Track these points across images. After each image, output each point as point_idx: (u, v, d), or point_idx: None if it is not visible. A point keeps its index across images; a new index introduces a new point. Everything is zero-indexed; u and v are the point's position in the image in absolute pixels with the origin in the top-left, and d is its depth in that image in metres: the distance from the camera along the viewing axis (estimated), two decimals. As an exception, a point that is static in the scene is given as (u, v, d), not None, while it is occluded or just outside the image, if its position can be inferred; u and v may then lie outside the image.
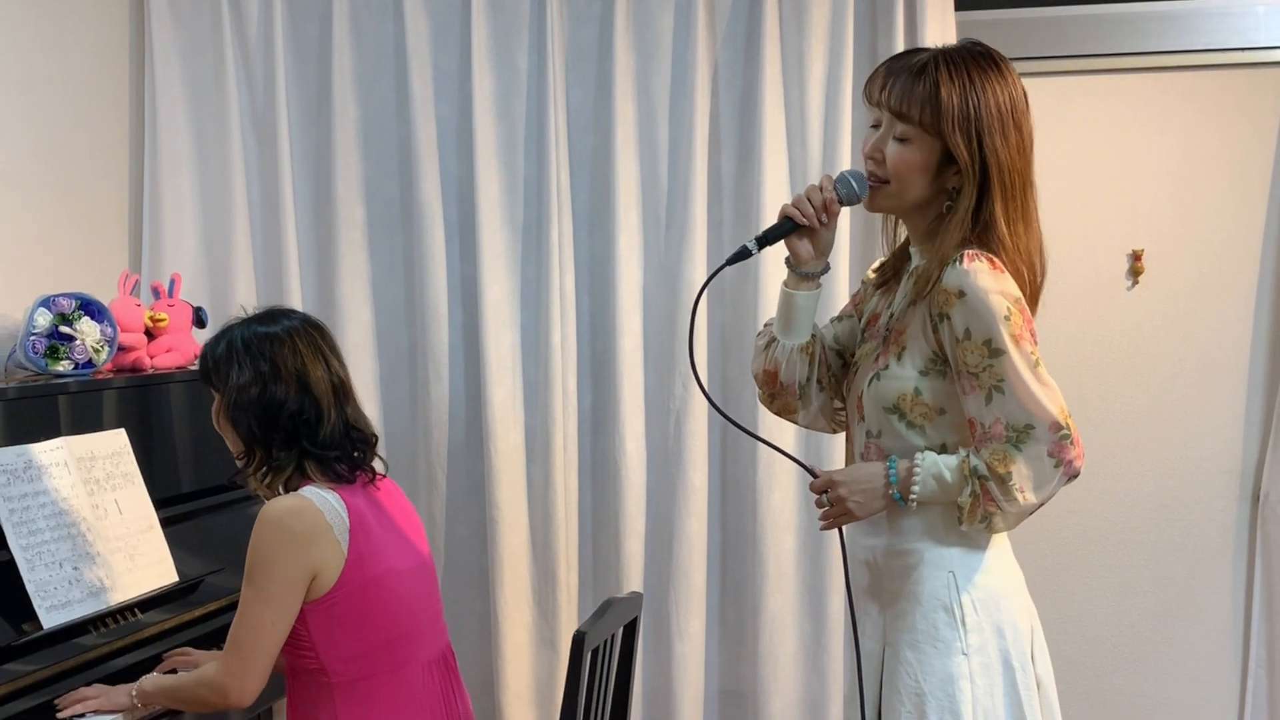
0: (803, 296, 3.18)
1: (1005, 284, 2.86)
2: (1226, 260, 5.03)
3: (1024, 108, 3.00)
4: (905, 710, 2.96)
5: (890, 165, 2.99)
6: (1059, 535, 5.00)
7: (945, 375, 2.95)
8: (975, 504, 2.89)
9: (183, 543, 4.12)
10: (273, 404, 3.31)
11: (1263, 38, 4.92)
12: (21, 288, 4.42)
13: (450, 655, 3.58)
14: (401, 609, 3.38)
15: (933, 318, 2.93)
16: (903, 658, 2.98)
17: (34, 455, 3.69)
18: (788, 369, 3.22)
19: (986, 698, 2.93)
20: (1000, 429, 2.87)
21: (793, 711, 5.02)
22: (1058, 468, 2.88)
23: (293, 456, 3.33)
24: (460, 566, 5.17)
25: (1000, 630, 2.96)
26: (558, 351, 5.00)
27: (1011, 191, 2.95)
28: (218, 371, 3.37)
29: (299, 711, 3.41)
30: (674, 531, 5.02)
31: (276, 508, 3.24)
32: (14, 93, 4.49)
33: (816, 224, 3.08)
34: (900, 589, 3.02)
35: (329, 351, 3.44)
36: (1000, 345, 2.83)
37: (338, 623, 3.28)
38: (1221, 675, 5.10)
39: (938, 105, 2.93)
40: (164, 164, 5.07)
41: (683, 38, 4.97)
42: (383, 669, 3.34)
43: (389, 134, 5.13)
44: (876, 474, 2.98)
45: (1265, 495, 4.97)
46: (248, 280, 5.12)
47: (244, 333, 3.37)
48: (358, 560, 3.27)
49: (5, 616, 3.45)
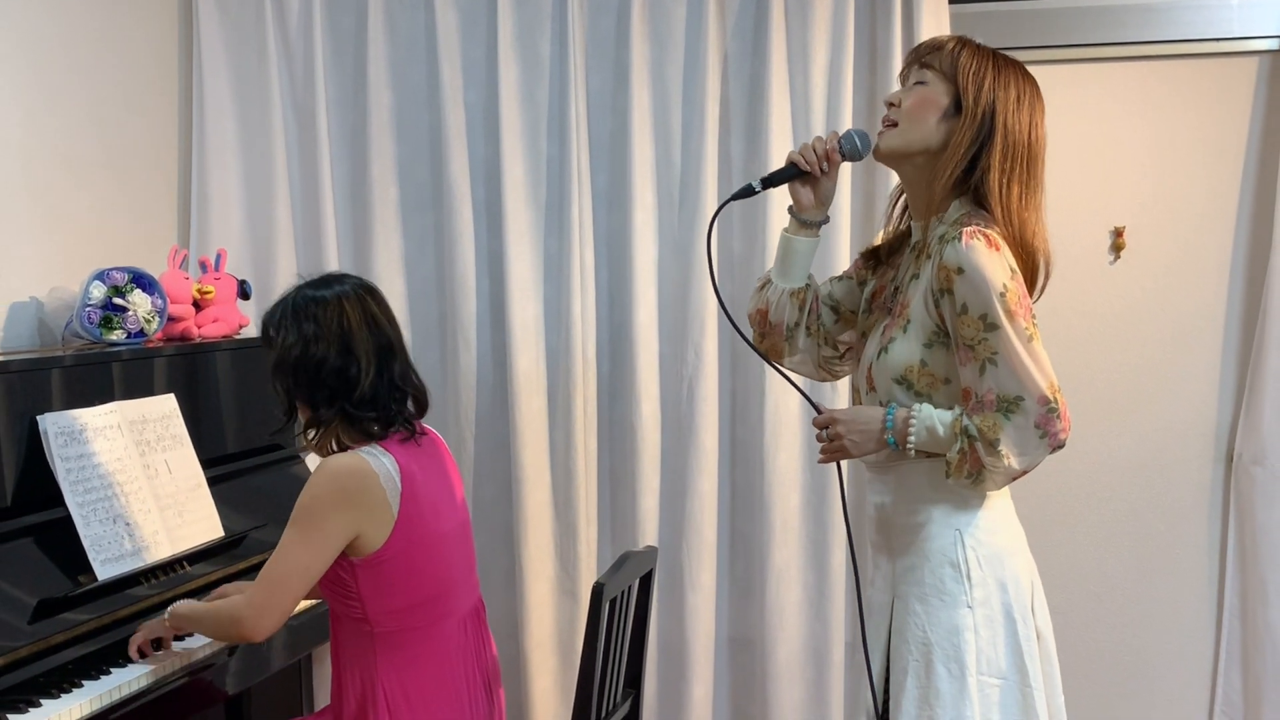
0: (800, 242, 3.20)
1: (1002, 261, 2.84)
2: (1203, 236, 4.99)
3: (1040, 111, 3.02)
4: (913, 658, 2.96)
5: (903, 107, 3.01)
6: (1045, 494, 4.98)
7: (948, 347, 2.93)
8: (962, 460, 2.88)
9: (228, 500, 4.12)
10: (313, 363, 3.26)
11: (1237, 29, 4.89)
12: (78, 262, 4.41)
13: (482, 608, 3.56)
14: (443, 569, 3.36)
15: (934, 293, 2.90)
16: (911, 609, 2.98)
17: (89, 419, 3.68)
18: (777, 310, 3.24)
19: (989, 648, 2.94)
20: (992, 398, 2.86)
21: (798, 657, 5.00)
22: (1043, 439, 2.86)
23: (334, 414, 3.29)
24: (487, 523, 5.14)
25: (1003, 585, 2.97)
26: (578, 322, 4.98)
27: (1015, 152, 2.95)
28: (272, 332, 3.34)
29: (341, 655, 3.39)
30: (686, 490, 5.00)
31: (336, 464, 3.21)
32: (73, 82, 4.48)
33: (818, 171, 3.11)
34: (909, 545, 3.01)
35: (378, 313, 3.38)
36: (995, 320, 2.81)
37: (384, 579, 3.25)
38: (1198, 623, 5.07)
39: (957, 56, 2.97)
40: (211, 147, 5.06)
41: (695, 29, 4.93)
42: (422, 623, 3.33)
43: (420, 119, 5.11)
44: (874, 418, 2.98)
45: (1238, 456, 4.94)
46: (288, 255, 5.11)
47: (296, 297, 3.34)
48: (406, 523, 3.24)
49: (63, 569, 3.45)
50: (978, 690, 2.93)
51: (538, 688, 5.06)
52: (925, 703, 2.94)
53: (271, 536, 4.07)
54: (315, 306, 3.29)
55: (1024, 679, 2.97)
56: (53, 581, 3.40)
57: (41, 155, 4.33)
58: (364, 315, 3.34)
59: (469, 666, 3.42)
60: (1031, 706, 2.97)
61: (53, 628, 3.28)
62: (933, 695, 2.93)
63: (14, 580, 3.30)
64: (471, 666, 3.43)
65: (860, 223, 4.97)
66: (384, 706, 3.29)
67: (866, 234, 4.90)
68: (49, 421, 3.54)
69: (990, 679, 2.95)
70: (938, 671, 2.93)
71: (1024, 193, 2.96)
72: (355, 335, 3.30)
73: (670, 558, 5.03)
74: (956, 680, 2.92)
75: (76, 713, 3.09)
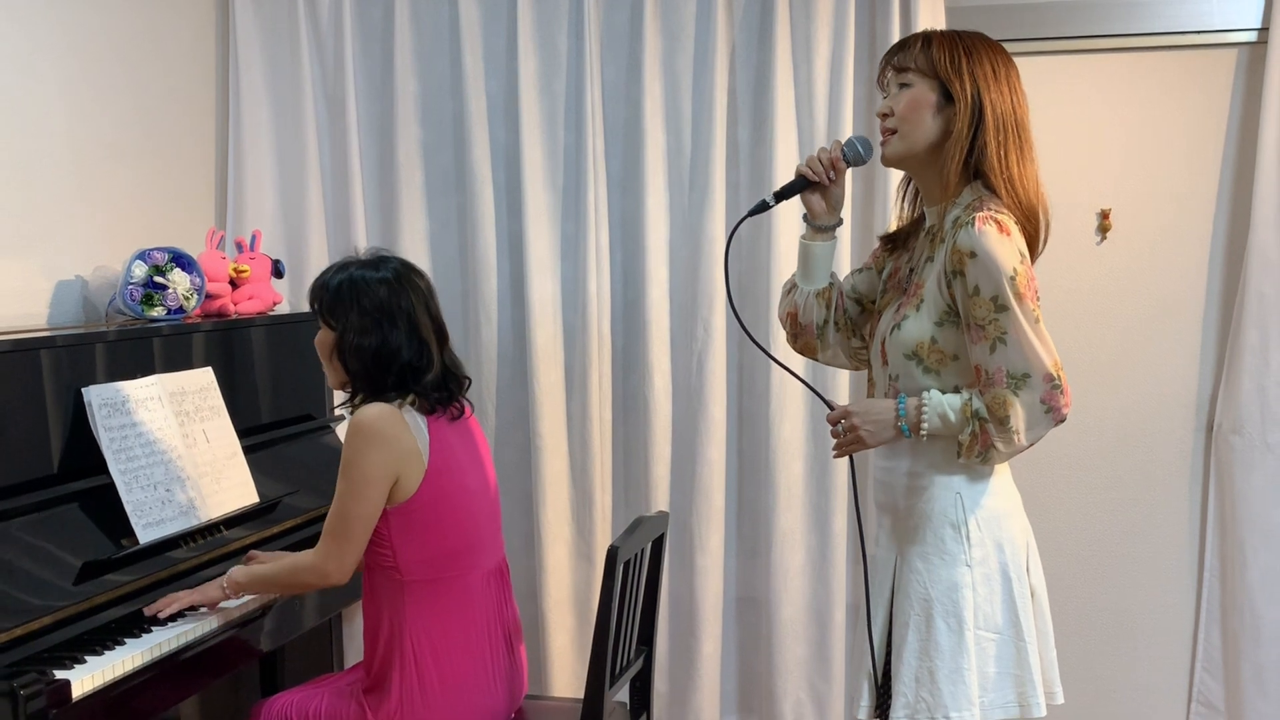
0: (818, 247, 3.21)
1: (1012, 246, 2.84)
2: (1184, 218, 4.96)
3: (1015, 74, 3.02)
4: (914, 613, 2.98)
5: (898, 113, 3.00)
6: (1036, 462, 4.95)
7: (958, 326, 2.94)
8: (974, 441, 2.90)
9: (262, 467, 4.12)
10: (388, 351, 3.26)
11: (1218, 21, 4.86)
12: (121, 243, 4.41)
13: (505, 569, 3.56)
14: (470, 523, 3.37)
15: (947, 274, 2.90)
16: (913, 567, 3.00)
17: (131, 390, 3.67)
18: (806, 311, 3.25)
19: (986, 604, 2.97)
20: (1001, 376, 2.86)
21: (801, 616, 4.99)
22: (1048, 413, 2.88)
23: (399, 396, 3.29)
24: (507, 489, 5.12)
25: (1000, 545, 2.99)
26: (594, 299, 4.96)
27: (1005, 126, 2.94)
28: (333, 310, 3.30)
29: (373, 604, 3.40)
30: (696, 458, 4.98)
31: (368, 413, 3.21)
32: (115, 71, 4.47)
33: (825, 180, 3.13)
34: (913, 506, 3.02)
35: (429, 296, 3.38)
36: (1005, 302, 2.83)
37: (414, 528, 3.26)
38: (1179, 584, 5.05)
39: (929, 51, 2.96)
40: (246, 135, 5.04)
41: (704, 22, 4.90)
42: (449, 574, 3.33)
43: (444, 107, 5.08)
44: (887, 408, 2.98)
45: (1218, 426, 4.91)
46: (320, 235, 5.10)
47: (360, 274, 3.31)
48: (436, 473, 3.25)
49: (106, 533, 3.45)
50: (975, 643, 2.96)
51: (556, 645, 5.06)
52: (925, 654, 2.97)
53: (303, 502, 4.10)
54: (383, 289, 3.30)
55: (1018, 633, 3.00)
56: (97, 545, 3.39)
57: (87, 143, 4.34)
58: (420, 299, 3.35)
59: (491, 621, 3.43)
60: (1025, 659, 3.00)
61: (96, 588, 3.28)
62: (932, 648, 2.96)
63: (60, 543, 3.30)
64: (493, 621, 3.44)
65: (860, 224, 4.93)
66: (410, 655, 3.31)
67: (866, 234, 4.89)
68: (93, 393, 3.54)
69: (986, 633, 2.98)
70: (937, 625, 2.96)
71: (1020, 159, 2.96)
72: (420, 322, 3.31)
73: (681, 522, 5.02)
74: (955, 634, 2.95)
75: (119, 669, 3.08)
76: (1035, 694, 3.00)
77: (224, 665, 3.54)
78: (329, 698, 3.43)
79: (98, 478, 3.50)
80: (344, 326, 3.28)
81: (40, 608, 3.10)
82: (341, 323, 3.28)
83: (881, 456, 3.14)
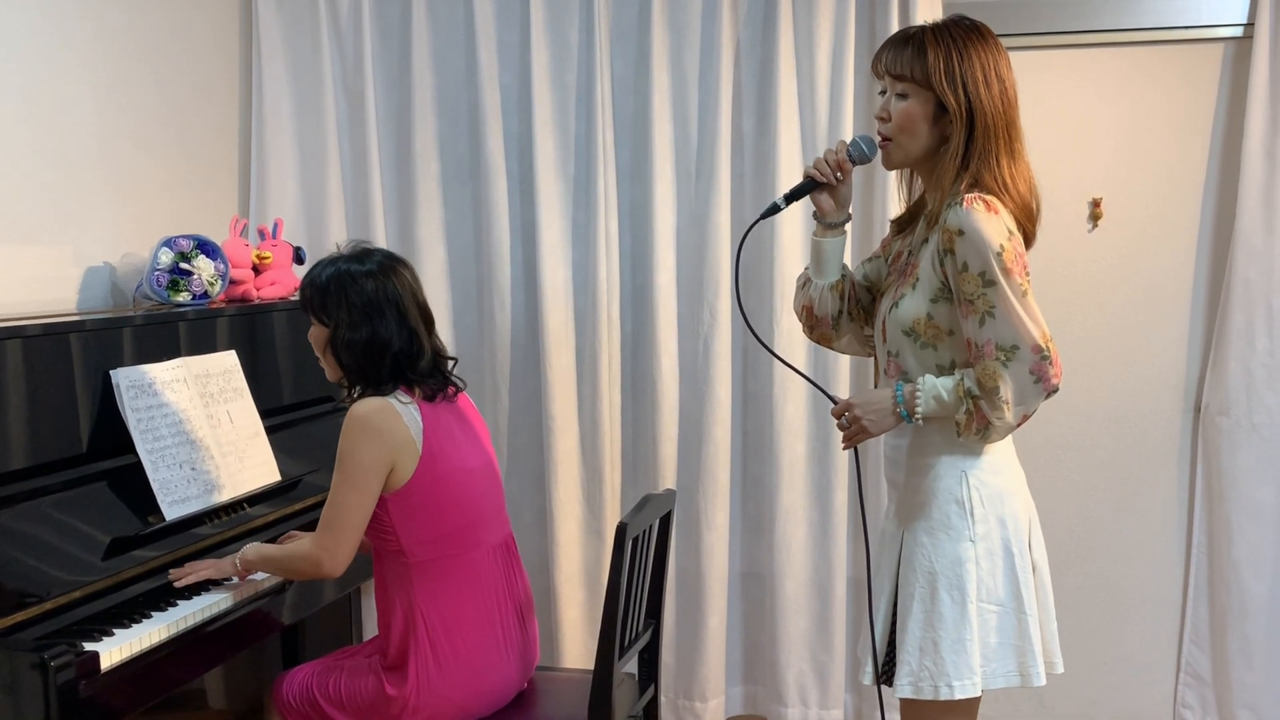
0: (829, 243, 3.21)
1: (999, 224, 2.84)
2: (1173, 206, 4.94)
3: (1005, 64, 2.99)
4: (919, 585, 2.99)
5: (895, 121, 3.00)
6: (1030, 442, 4.87)
7: (951, 302, 2.93)
8: (970, 419, 2.90)
9: (284, 447, 4.10)
10: (379, 343, 3.23)
11: (1205, 17, 4.85)
12: (148, 230, 4.39)
13: (511, 543, 3.53)
14: (469, 501, 3.34)
15: (939, 253, 2.90)
16: (919, 541, 3.01)
17: (158, 373, 3.66)
18: (820, 304, 3.25)
19: (989, 578, 2.97)
20: (991, 349, 2.86)
21: (804, 590, 4.98)
22: (1038, 384, 2.87)
23: (395, 386, 3.26)
24: (520, 468, 5.13)
25: (1003, 522, 3.00)
26: (603, 285, 4.94)
27: (996, 130, 2.92)
28: (324, 306, 3.27)
29: (383, 588, 3.38)
30: (702, 437, 4.96)
31: (362, 406, 3.18)
32: (142, 65, 4.45)
33: (833, 180, 3.13)
34: (920, 483, 3.03)
35: (415, 285, 3.36)
36: (992, 277, 2.82)
37: (415, 511, 3.24)
38: (1168, 559, 5.03)
39: (925, 62, 2.93)
40: (269, 126, 5.02)
41: (710, 18, 4.88)
42: (453, 552, 3.31)
43: (460, 99, 5.06)
44: (885, 397, 3.00)
45: (1205, 407, 4.89)
46: (339, 223, 5.08)
47: (347, 269, 3.27)
48: (431, 457, 3.22)
49: (133, 510, 3.43)
50: (977, 615, 2.96)
51: (567, 618, 5.05)
52: (929, 625, 2.98)
53: (324, 480, 4.07)
54: (369, 282, 3.28)
55: (1020, 606, 3.00)
56: (124, 521, 3.37)
57: (116, 135, 4.32)
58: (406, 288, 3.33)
59: (500, 595, 3.41)
60: (1026, 631, 3.01)
61: (124, 564, 3.27)
62: (936, 619, 2.97)
63: (89, 520, 3.28)
64: (503, 595, 3.42)
65: (860, 216, 4.90)
66: (424, 632, 3.29)
67: (865, 225, 4.88)
68: (121, 375, 3.52)
69: (989, 605, 2.98)
70: (941, 598, 2.96)
71: (1010, 157, 2.95)
72: (409, 312, 3.29)
73: (687, 499, 5.01)
74: (958, 606, 2.95)
75: (146, 641, 3.06)
76: (1035, 664, 3.01)
77: (246, 638, 3.52)
78: (348, 671, 3.43)
79: (125, 457, 3.48)
80: (335, 322, 3.25)
81: (70, 582, 3.08)
82: (333, 318, 3.26)
83: (890, 435, 3.14)
